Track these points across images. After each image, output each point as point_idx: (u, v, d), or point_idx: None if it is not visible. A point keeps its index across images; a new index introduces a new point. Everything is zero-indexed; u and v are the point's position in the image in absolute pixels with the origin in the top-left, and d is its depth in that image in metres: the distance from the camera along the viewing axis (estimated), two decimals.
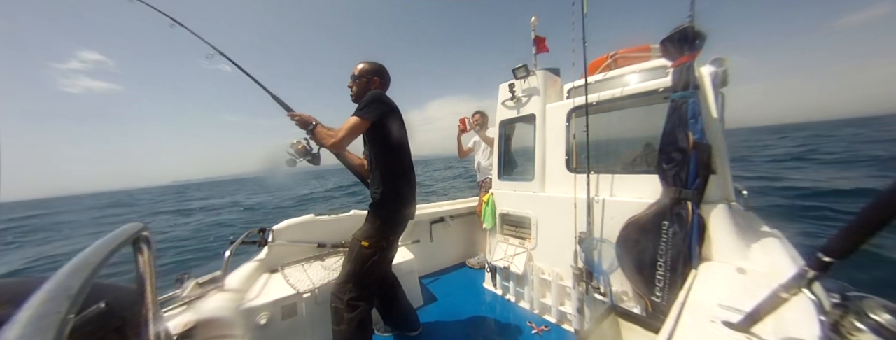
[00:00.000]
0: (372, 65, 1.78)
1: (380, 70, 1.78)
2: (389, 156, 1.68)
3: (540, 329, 2.11)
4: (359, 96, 1.73)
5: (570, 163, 2.16)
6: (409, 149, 1.78)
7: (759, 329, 0.83)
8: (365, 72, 1.75)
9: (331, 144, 1.57)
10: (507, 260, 2.46)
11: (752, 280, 1.21)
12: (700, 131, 1.48)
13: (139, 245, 0.72)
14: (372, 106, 1.57)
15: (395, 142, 1.68)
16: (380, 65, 1.79)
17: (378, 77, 1.77)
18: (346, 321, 1.55)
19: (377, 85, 1.77)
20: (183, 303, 1.42)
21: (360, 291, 1.60)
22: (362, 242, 1.63)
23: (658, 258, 1.56)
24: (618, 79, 2.25)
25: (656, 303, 1.57)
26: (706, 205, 1.54)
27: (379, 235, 1.66)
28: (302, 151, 1.70)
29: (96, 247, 0.57)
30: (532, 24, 2.47)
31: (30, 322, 0.37)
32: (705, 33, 1.53)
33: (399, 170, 1.71)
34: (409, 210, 1.78)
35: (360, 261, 1.62)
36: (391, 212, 1.69)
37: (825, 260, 0.66)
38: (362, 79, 1.75)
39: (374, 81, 1.76)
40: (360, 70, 1.76)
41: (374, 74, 1.76)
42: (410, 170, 1.78)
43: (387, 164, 1.68)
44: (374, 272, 1.68)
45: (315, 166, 1.77)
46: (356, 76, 1.76)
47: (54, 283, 0.44)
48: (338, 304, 1.60)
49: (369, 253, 1.63)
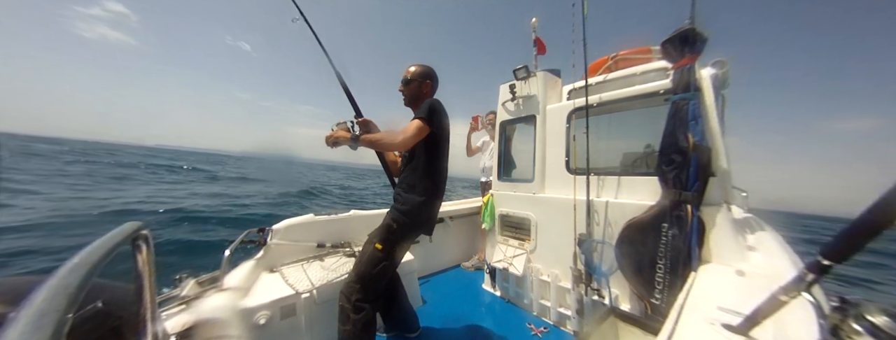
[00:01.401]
0: (423, 68, 1.77)
1: (431, 73, 1.79)
2: (431, 166, 1.68)
3: (539, 331, 2.11)
4: (412, 99, 1.76)
5: (570, 164, 2.16)
6: (447, 162, 1.78)
7: (758, 332, 0.83)
8: (417, 76, 1.75)
9: (399, 142, 1.55)
10: (507, 261, 2.45)
11: (752, 282, 1.21)
12: (700, 133, 1.48)
13: (138, 244, 0.72)
14: (436, 114, 1.58)
15: (442, 154, 1.69)
16: (430, 68, 1.80)
17: (429, 80, 1.78)
18: (352, 322, 1.55)
19: (429, 88, 1.78)
20: (181, 303, 1.41)
21: (366, 293, 1.60)
22: (376, 244, 1.62)
23: (657, 260, 1.56)
24: (618, 80, 2.25)
25: (655, 305, 1.57)
26: (706, 208, 1.54)
27: (394, 240, 1.65)
28: (344, 130, 1.67)
29: (95, 246, 0.57)
30: (532, 25, 2.48)
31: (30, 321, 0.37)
32: (706, 35, 1.54)
33: (434, 181, 1.70)
34: (431, 221, 1.76)
35: (371, 263, 1.62)
36: (414, 221, 1.67)
37: (824, 263, 0.66)
38: (414, 82, 1.75)
39: (426, 84, 1.77)
40: (412, 73, 1.76)
41: (426, 77, 1.76)
42: (444, 182, 1.78)
43: (426, 173, 1.67)
44: (383, 276, 1.67)
45: (352, 150, 1.73)
46: (408, 80, 1.76)
47: (54, 282, 0.44)
48: (345, 304, 1.60)
49: (381, 256, 1.62)
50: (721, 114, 1.69)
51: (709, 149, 1.49)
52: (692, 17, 1.52)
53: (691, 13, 1.53)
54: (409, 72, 1.77)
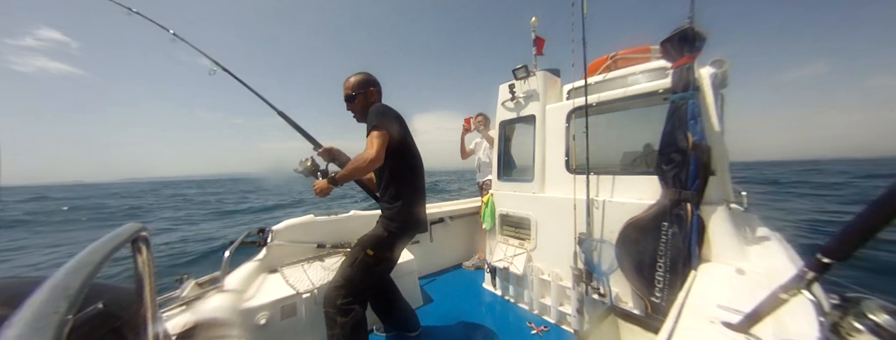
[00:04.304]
0: (363, 77, 1.72)
1: (371, 80, 1.73)
2: (403, 170, 1.66)
3: (539, 330, 2.11)
4: (363, 112, 1.69)
5: (570, 163, 2.16)
6: (420, 159, 1.76)
7: (758, 330, 0.83)
8: (359, 85, 1.70)
9: (370, 162, 1.46)
10: (507, 260, 2.45)
11: (752, 280, 1.21)
12: (700, 132, 1.48)
13: (138, 245, 0.72)
14: (386, 118, 1.54)
15: (409, 154, 1.67)
16: (368, 74, 1.74)
17: (373, 87, 1.73)
18: (340, 325, 1.53)
19: (374, 95, 1.73)
20: (182, 304, 1.41)
21: (354, 296, 1.58)
22: (368, 251, 1.61)
23: (657, 259, 1.56)
24: (618, 80, 2.25)
25: (656, 304, 1.57)
26: (705, 206, 1.54)
27: (385, 246, 1.64)
28: (311, 170, 1.68)
29: (95, 247, 0.57)
30: (532, 24, 2.47)
31: (28, 323, 0.37)
32: (705, 34, 1.54)
33: (412, 184, 1.69)
34: (420, 224, 1.75)
35: (360, 269, 1.60)
36: (402, 226, 1.66)
37: (824, 261, 0.66)
38: (358, 95, 1.70)
39: (371, 93, 1.72)
40: (352, 84, 1.70)
41: (367, 85, 1.71)
42: (421, 180, 1.75)
43: (402, 179, 1.65)
44: (371, 281, 1.68)
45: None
46: (351, 95, 1.70)
47: (53, 283, 0.44)
48: (329, 309, 1.56)
49: (372, 262, 1.61)
50: (720, 113, 1.69)
51: (708, 148, 1.49)
52: (691, 16, 1.52)
53: (690, 12, 1.52)
54: (350, 84, 1.70)
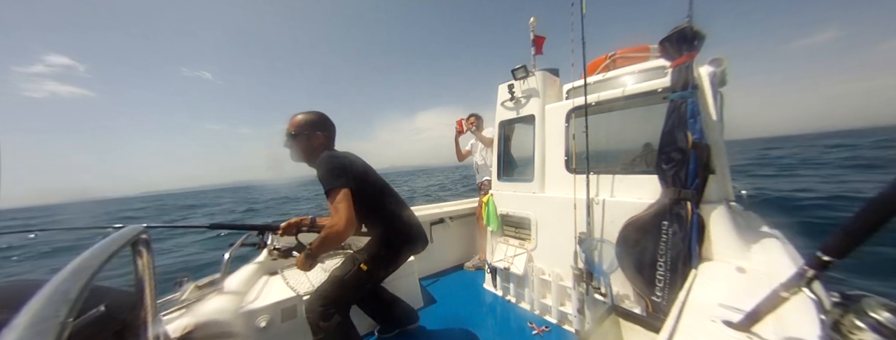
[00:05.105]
0: (309, 117, 1.56)
1: (319, 121, 1.58)
2: (380, 213, 1.62)
3: (540, 330, 2.11)
4: (307, 155, 1.56)
5: (570, 163, 2.16)
6: (383, 183, 1.68)
7: (759, 329, 0.83)
8: (303, 128, 1.54)
9: (344, 227, 1.31)
10: (508, 260, 2.45)
11: (752, 279, 1.21)
12: (699, 131, 1.48)
13: (138, 248, 0.72)
14: (337, 172, 1.40)
15: (378, 193, 1.62)
16: (320, 115, 1.59)
17: (320, 130, 1.57)
18: (323, 329, 1.51)
19: (321, 139, 1.57)
20: (182, 306, 1.41)
21: (337, 305, 1.56)
22: (362, 265, 1.58)
23: (658, 258, 1.56)
24: (617, 79, 2.25)
25: (656, 303, 1.57)
26: (705, 205, 1.54)
27: (381, 265, 1.63)
28: (283, 254, 1.59)
29: (95, 250, 0.57)
30: (531, 24, 2.48)
31: (28, 327, 0.37)
32: (704, 33, 1.54)
33: (393, 224, 1.65)
34: (417, 248, 1.74)
35: (351, 283, 1.57)
36: (400, 250, 1.66)
37: (824, 259, 0.66)
38: (301, 136, 1.54)
39: (316, 137, 1.56)
40: (298, 123, 1.54)
41: (313, 128, 1.56)
42: (401, 215, 1.68)
43: (383, 222, 1.63)
44: (360, 292, 1.68)
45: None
46: (293, 134, 1.53)
47: (53, 287, 0.44)
48: (312, 316, 1.53)
49: (364, 278, 1.60)
50: (720, 112, 1.69)
51: (708, 147, 1.49)
52: (690, 14, 1.52)
53: (689, 11, 1.53)
54: (293, 124, 1.54)
